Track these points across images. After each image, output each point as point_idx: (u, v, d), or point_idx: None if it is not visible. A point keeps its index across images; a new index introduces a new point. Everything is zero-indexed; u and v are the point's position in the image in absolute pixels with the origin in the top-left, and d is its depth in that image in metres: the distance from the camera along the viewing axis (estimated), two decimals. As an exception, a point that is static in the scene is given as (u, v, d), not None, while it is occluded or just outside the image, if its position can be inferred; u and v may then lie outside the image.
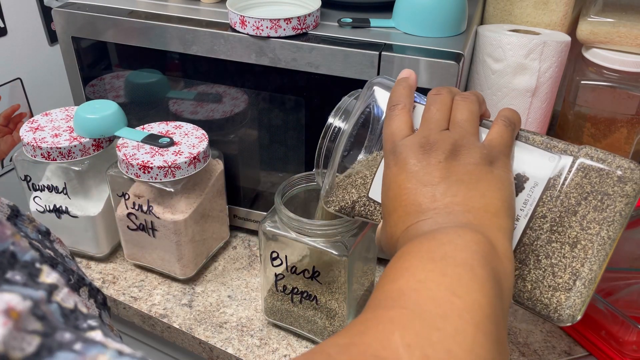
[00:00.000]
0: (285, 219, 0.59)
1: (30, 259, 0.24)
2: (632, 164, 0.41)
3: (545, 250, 0.42)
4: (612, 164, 0.41)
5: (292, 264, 0.62)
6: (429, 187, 0.39)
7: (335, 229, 0.58)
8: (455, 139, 0.41)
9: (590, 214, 0.41)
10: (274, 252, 0.62)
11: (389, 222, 0.42)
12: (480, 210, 0.38)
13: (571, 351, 0.67)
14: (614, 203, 0.40)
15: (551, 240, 0.42)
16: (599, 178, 0.41)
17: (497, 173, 0.40)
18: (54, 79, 0.96)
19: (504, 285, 0.35)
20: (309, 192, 0.65)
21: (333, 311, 0.64)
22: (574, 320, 0.41)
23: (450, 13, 0.64)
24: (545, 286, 0.42)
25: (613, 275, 0.72)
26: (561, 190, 0.42)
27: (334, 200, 0.50)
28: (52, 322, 0.22)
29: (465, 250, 0.35)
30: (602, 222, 0.41)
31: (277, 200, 0.61)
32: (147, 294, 0.74)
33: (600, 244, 0.40)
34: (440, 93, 0.44)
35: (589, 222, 0.41)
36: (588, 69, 0.79)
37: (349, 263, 0.59)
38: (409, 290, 0.32)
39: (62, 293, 0.24)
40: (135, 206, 0.70)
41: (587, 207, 0.41)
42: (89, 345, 0.22)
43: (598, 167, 0.41)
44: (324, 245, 0.59)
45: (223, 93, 0.72)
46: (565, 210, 0.42)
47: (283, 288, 0.64)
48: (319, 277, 0.61)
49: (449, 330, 0.30)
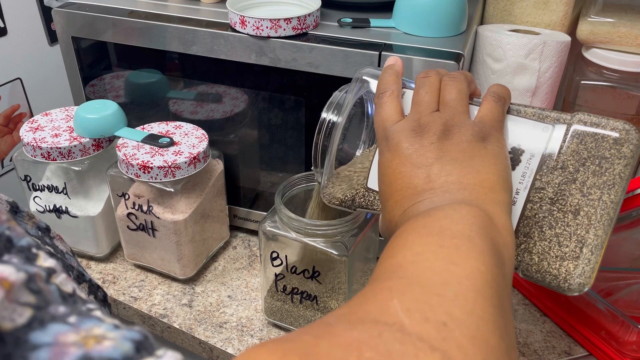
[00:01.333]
0: (285, 219, 0.59)
1: (26, 244, 0.24)
2: (627, 124, 0.41)
3: (549, 220, 0.42)
4: (606, 127, 0.41)
5: (292, 264, 0.62)
6: (423, 169, 0.39)
7: (335, 229, 0.58)
8: (445, 119, 0.41)
9: (590, 179, 0.41)
10: (274, 252, 0.62)
11: (387, 208, 0.42)
12: (476, 186, 0.38)
13: (571, 351, 0.67)
14: (613, 166, 0.40)
15: (553, 210, 0.42)
16: (594, 143, 0.41)
17: (491, 148, 0.40)
18: (54, 79, 0.96)
19: (504, 256, 0.35)
20: (309, 192, 0.65)
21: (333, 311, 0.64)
22: (585, 288, 0.41)
23: (450, 13, 0.64)
24: (552, 257, 0.41)
25: (613, 275, 0.72)
26: (558, 159, 0.42)
27: (333, 194, 0.50)
28: (47, 297, 0.22)
29: (462, 223, 0.34)
30: (603, 187, 0.40)
31: (277, 200, 0.61)
32: (147, 294, 0.74)
33: (602, 208, 0.40)
34: (428, 75, 0.45)
35: (589, 188, 0.41)
36: (588, 69, 0.79)
37: (349, 263, 0.59)
38: (407, 263, 0.32)
39: (60, 277, 0.24)
40: (135, 206, 0.70)
41: (585, 173, 0.41)
42: (83, 318, 0.21)
43: (593, 132, 0.41)
44: (324, 245, 0.59)
45: (223, 93, 0.72)
46: (564, 179, 0.42)
47: (283, 288, 0.64)
48: (319, 277, 0.61)
49: (448, 295, 0.29)
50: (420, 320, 0.28)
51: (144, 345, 0.21)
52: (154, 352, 0.21)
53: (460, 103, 0.42)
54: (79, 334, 0.20)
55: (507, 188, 0.40)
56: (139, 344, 0.21)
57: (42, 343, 0.20)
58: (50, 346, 0.20)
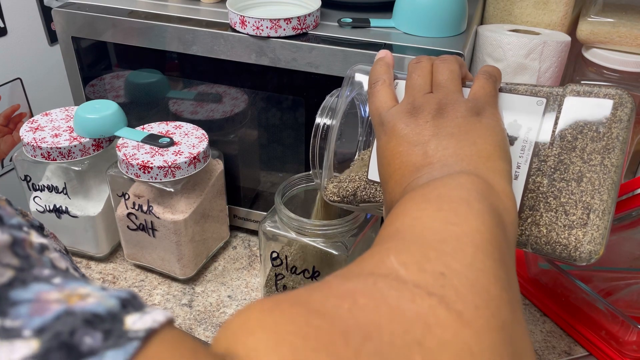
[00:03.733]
0: (285, 219, 0.59)
1: (17, 223, 0.23)
2: (619, 89, 0.42)
3: (552, 191, 0.42)
4: (599, 94, 0.42)
5: (292, 264, 0.62)
6: (420, 146, 0.40)
7: (335, 229, 0.58)
8: (439, 99, 0.42)
9: (589, 145, 0.41)
10: (273, 252, 0.62)
11: (387, 190, 0.42)
12: (473, 156, 0.39)
13: (571, 351, 0.67)
14: (610, 130, 0.41)
15: (556, 180, 0.42)
16: (590, 110, 0.42)
17: (486, 122, 0.41)
18: (54, 79, 0.96)
19: (505, 220, 0.35)
20: (309, 192, 0.65)
21: None
22: (597, 255, 0.40)
23: (450, 13, 0.64)
24: (560, 227, 0.41)
25: (613, 275, 0.72)
26: (555, 130, 0.43)
27: (334, 193, 0.50)
28: (32, 261, 0.21)
29: (459, 189, 0.35)
30: (603, 151, 0.41)
31: (277, 200, 0.61)
32: (147, 294, 0.74)
33: (605, 172, 0.41)
34: (420, 60, 0.46)
35: (589, 154, 0.41)
36: (588, 69, 0.79)
37: (349, 263, 0.59)
38: (405, 227, 0.33)
39: (53, 254, 0.24)
40: (135, 206, 0.70)
41: (584, 140, 0.41)
42: (68, 280, 0.21)
43: (587, 100, 0.42)
44: (324, 245, 0.59)
45: (223, 93, 0.72)
46: (563, 148, 0.42)
47: (283, 288, 0.64)
48: (319, 277, 0.61)
49: (446, 249, 0.29)
50: (417, 270, 0.28)
51: (130, 303, 0.21)
52: (142, 309, 0.20)
53: (452, 82, 0.43)
54: (63, 292, 0.20)
55: (505, 157, 0.40)
56: (125, 301, 0.21)
57: (23, 299, 0.19)
58: (31, 302, 0.19)
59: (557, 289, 0.71)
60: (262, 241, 0.63)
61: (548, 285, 0.72)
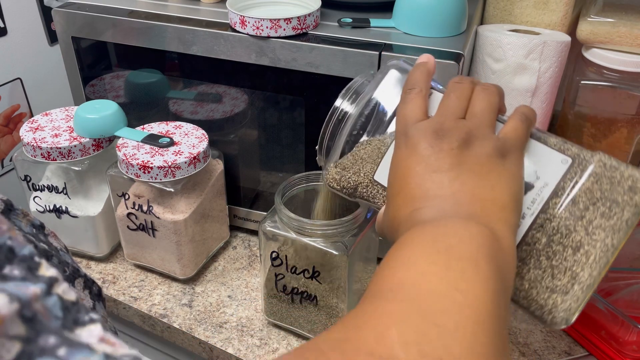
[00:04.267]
0: (285, 219, 0.59)
1: (28, 253, 0.24)
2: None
3: (547, 251, 0.42)
4: (624, 172, 0.41)
5: (292, 264, 0.62)
6: (437, 174, 0.39)
7: (335, 229, 0.58)
8: (470, 128, 0.40)
9: (597, 220, 0.41)
10: (274, 252, 0.62)
11: (393, 203, 0.41)
12: (488, 202, 0.38)
13: (571, 351, 0.67)
14: (622, 212, 0.40)
15: (554, 242, 0.41)
16: (609, 185, 0.41)
17: (509, 167, 0.40)
18: (54, 79, 0.96)
19: (507, 279, 0.35)
20: (309, 192, 0.65)
21: (333, 311, 0.64)
22: (567, 324, 0.41)
23: (450, 13, 0.64)
24: (543, 287, 0.41)
25: (613, 275, 0.72)
26: (570, 194, 0.42)
27: (335, 180, 0.49)
28: (39, 325, 0.22)
29: (470, 243, 0.34)
30: (608, 229, 0.40)
31: (277, 200, 0.61)
32: (147, 294, 0.74)
33: (603, 250, 0.40)
34: (462, 82, 0.44)
35: (594, 228, 0.41)
36: (588, 69, 0.79)
37: (349, 263, 0.59)
38: (409, 283, 0.32)
39: (63, 286, 0.24)
40: (135, 206, 0.70)
41: (594, 212, 0.41)
42: (73, 350, 0.21)
43: (610, 175, 0.41)
44: (324, 245, 0.59)
45: (223, 93, 0.72)
46: (572, 214, 0.41)
47: (283, 288, 0.64)
48: (319, 277, 0.61)
49: (449, 326, 0.29)
50: (417, 355, 0.27)
51: None
52: None
53: (488, 115, 0.42)
54: None
55: (518, 210, 0.39)
56: None
57: None
58: None
59: (557, 289, 0.71)
60: (262, 241, 0.63)
61: (548, 285, 0.72)
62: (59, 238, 0.39)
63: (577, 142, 0.45)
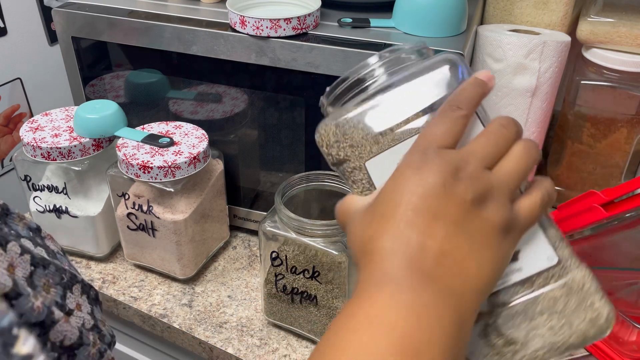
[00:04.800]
0: (285, 219, 0.59)
1: (7, 324, 0.23)
2: (612, 311, 0.39)
3: (486, 337, 0.40)
4: (595, 303, 0.39)
5: (292, 264, 0.62)
6: (436, 221, 0.34)
7: (335, 229, 0.58)
8: (491, 185, 0.36)
9: (543, 330, 0.39)
10: (273, 252, 0.62)
11: (374, 213, 0.37)
12: (474, 282, 0.34)
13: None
14: (570, 337, 0.39)
15: (495, 330, 0.40)
16: (575, 305, 0.39)
17: (505, 247, 0.36)
18: (54, 79, 0.96)
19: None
20: (309, 192, 0.65)
21: (333, 311, 0.64)
22: None
23: (450, 13, 0.64)
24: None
25: (613, 275, 0.72)
26: (535, 292, 0.39)
27: (329, 142, 0.43)
28: None
29: (434, 339, 0.31)
30: (547, 344, 0.39)
31: (277, 200, 0.61)
32: (147, 294, 0.74)
33: (530, 359, 0.39)
34: (508, 127, 0.38)
35: (535, 335, 0.39)
36: (588, 69, 0.79)
37: (348, 262, 0.59)
38: None
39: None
40: (135, 206, 0.70)
41: (545, 322, 0.39)
42: None
43: (582, 297, 0.39)
44: (324, 245, 0.59)
45: (223, 93, 0.72)
46: (525, 311, 0.39)
47: (283, 288, 0.64)
48: (319, 277, 0.61)
49: None
50: None
51: None
52: None
53: (515, 180, 0.37)
54: None
55: (490, 291, 0.37)
56: None
57: None
58: None
59: (557, 289, 0.71)
60: (262, 241, 0.63)
61: (548, 285, 0.72)
62: (55, 241, 0.39)
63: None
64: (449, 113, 0.38)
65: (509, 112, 0.71)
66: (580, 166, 0.86)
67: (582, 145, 0.84)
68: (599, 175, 0.86)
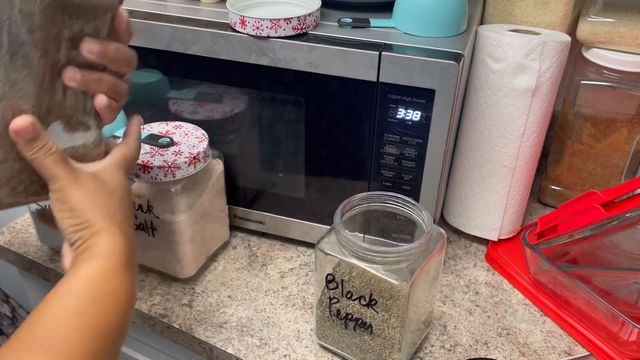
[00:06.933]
0: (344, 241, 0.56)
1: None
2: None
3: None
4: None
5: (347, 289, 0.59)
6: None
7: (397, 256, 0.55)
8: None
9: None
10: (329, 274, 0.59)
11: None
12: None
13: (571, 351, 0.67)
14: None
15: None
16: None
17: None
18: (54, 79, 0.96)
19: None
20: (370, 212, 0.62)
21: (388, 342, 0.60)
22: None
23: (450, 13, 0.64)
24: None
25: (613, 275, 0.72)
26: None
27: None
28: None
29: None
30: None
31: (336, 221, 0.57)
32: (147, 294, 0.74)
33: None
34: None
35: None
36: (588, 69, 0.79)
37: (408, 293, 0.55)
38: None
39: None
40: (135, 206, 0.70)
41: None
42: None
43: None
44: (384, 273, 0.55)
45: (223, 93, 0.72)
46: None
47: (337, 312, 0.61)
48: (376, 306, 0.58)
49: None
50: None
51: None
52: None
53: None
54: None
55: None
56: None
57: None
58: None
59: (557, 289, 0.71)
60: (318, 260, 0.60)
61: (548, 285, 0.72)
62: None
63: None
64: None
65: (509, 112, 0.71)
66: (580, 166, 0.86)
67: (582, 145, 0.84)
68: (599, 175, 0.86)
